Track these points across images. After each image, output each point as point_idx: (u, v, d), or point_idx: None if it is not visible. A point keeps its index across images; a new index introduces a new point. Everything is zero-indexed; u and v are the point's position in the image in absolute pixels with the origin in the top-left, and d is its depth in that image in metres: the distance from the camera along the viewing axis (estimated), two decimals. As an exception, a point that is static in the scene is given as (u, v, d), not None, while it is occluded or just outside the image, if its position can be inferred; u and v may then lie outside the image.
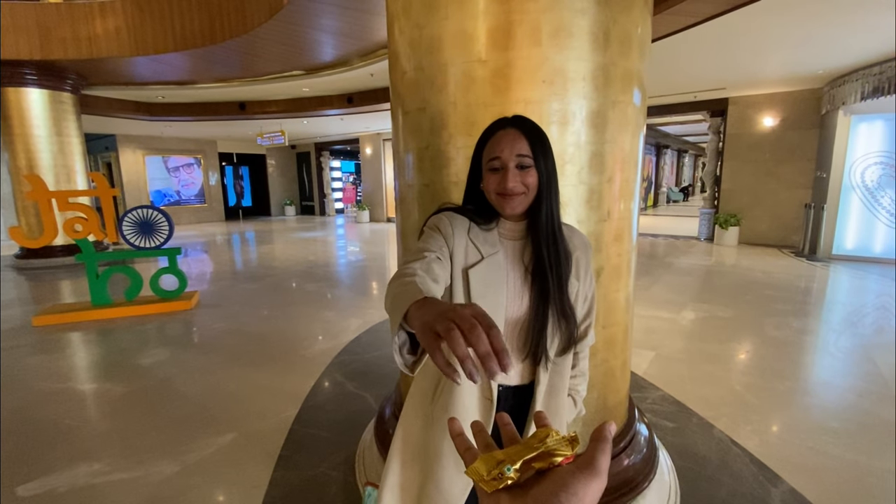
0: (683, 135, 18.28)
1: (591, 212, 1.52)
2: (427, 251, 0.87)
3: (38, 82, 6.94)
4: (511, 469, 0.37)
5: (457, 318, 0.48)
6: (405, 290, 0.66)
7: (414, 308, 0.58)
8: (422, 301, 0.59)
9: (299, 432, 2.39)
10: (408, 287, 0.67)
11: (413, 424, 1.04)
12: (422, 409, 1.03)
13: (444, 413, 0.99)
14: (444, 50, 1.45)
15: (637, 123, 1.63)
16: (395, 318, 0.62)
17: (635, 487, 1.66)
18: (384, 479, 1.04)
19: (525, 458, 0.38)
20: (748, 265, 6.73)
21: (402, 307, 0.60)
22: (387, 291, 0.74)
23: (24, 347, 3.72)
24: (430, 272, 0.82)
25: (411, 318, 0.58)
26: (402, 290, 0.67)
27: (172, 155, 14.28)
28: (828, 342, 3.73)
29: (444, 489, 0.99)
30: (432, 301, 0.59)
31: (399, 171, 1.78)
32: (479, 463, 0.39)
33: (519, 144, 0.87)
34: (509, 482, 0.37)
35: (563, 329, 0.92)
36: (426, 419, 1.01)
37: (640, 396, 2.76)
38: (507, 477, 0.37)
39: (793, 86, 7.67)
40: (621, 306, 1.69)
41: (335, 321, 4.32)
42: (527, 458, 0.38)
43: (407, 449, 1.04)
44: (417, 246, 0.92)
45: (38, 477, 2.06)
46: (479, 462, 0.39)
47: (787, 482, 1.96)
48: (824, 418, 2.54)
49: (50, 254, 7.26)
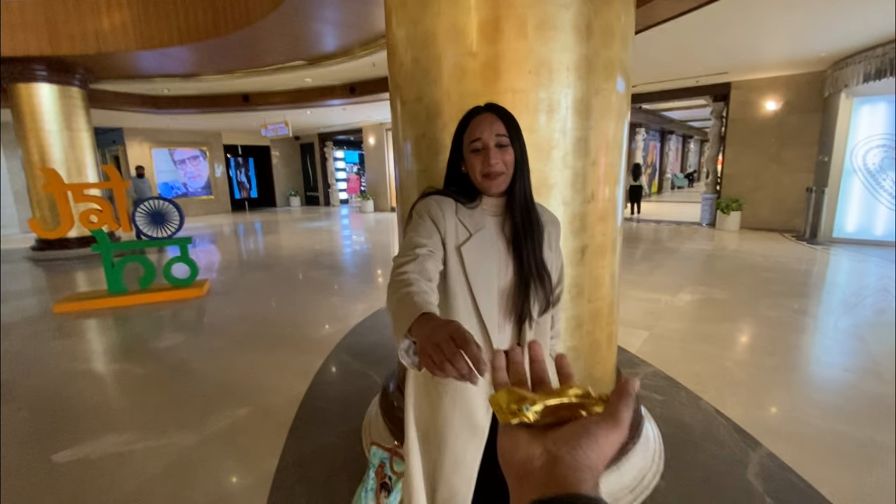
0: (688, 120, 18.16)
1: (575, 194, 1.63)
2: (419, 246, 0.95)
3: (48, 78, 7.07)
4: (530, 409, 0.37)
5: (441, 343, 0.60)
6: (404, 305, 0.77)
7: (415, 327, 0.70)
8: (419, 319, 0.70)
9: (310, 406, 2.55)
10: (406, 302, 0.77)
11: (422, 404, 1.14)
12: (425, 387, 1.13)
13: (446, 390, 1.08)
14: (438, 43, 1.56)
15: (621, 110, 1.73)
16: (399, 329, 0.73)
17: (619, 450, 1.79)
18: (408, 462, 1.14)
19: (548, 403, 0.37)
20: (748, 249, 6.80)
21: (404, 325, 0.72)
22: (388, 294, 0.85)
23: (48, 332, 3.91)
24: (425, 272, 0.90)
25: (414, 333, 0.70)
26: (401, 306, 0.77)
27: (178, 147, 14.44)
28: (820, 322, 3.83)
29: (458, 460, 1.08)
30: (424, 320, 0.69)
31: (399, 159, 1.90)
32: (501, 393, 0.39)
33: (496, 125, 0.99)
34: (525, 420, 0.37)
35: (540, 291, 1.04)
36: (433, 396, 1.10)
37: (632, 372, 2.89)
38: (524, 414, 0.37)
39: (795, 69, 7.65)
40: (606, 282, 1.81)
41: (341, 306, 4.48)
42: (550, 404, 0.37)
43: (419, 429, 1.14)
44: (409, 237, 0.99)
45: (71, 446, 2.23)
46: (501, 392, 0.39)
47: (766, 447, 2.09)
48: (809, 391, 2.66)
49: (65, 245, 7.48)
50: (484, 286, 1.01)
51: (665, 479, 1.89)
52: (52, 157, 7.31)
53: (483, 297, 1.02)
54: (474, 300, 1.02)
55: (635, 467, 1.83)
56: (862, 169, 7.03)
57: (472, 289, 1.01)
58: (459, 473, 1.10)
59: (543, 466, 0.34)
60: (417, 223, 1.02)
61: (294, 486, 1.91)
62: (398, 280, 0.87)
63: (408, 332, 0.71)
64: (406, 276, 0.87)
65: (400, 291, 0.82)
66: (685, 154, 23.32)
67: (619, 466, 1.79)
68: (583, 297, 1.72)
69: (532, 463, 0.35)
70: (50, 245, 7.46)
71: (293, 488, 1.89)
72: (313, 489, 1.89)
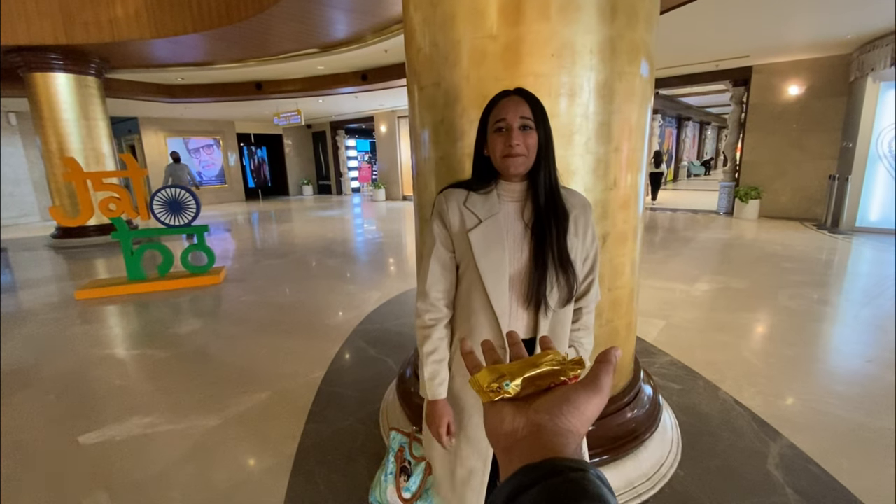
0: (706, 106, 17.73)
1: (597, 180, 1.60)
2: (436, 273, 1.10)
3: (64, 67, 7.15)
4: (510, 384, 0.38)
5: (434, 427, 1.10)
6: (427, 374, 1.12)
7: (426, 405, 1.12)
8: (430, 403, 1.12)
9: (327, 391, 2.59)
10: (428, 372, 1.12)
11: None
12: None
13: (459, 370, 1.12)
14: (457, 26, 1.53)
15: (644, 94, 1.69)
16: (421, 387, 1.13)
17: (637, 437, 1.79)
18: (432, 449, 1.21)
19: (526, 375, 0.38)
20: (767, 238, 6.67)
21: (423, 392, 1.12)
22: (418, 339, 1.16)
23: (70, 318, 4.01)
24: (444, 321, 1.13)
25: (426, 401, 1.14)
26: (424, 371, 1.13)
27: (193, 136, 14.56)
28: (841, 312, 3.75)
29: (472, 439, 1.11)
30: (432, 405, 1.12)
31: (415, 146, 1.88)
32: (480, 374, 0.40)
33: (522, 108, 0.98)
34: (506, 396, 0.38)
35: (562, 280, 1.03)
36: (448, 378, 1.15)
37: (648, 361, 2.87)
38: (504, 391, 0.38)
39: (820, 52, 7.39)
40: (627, 270, 1.79)
41: (356, 293, 4.51)
42: (528, 376, 0.38)
43: None
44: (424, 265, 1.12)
45: (96, 428, 2.30)
46: (481, 373, 0.40)
47: (787, 438, 2.07)
48: (829, 382, 2.61)
49: (84, 233, 7.63)
50: (492, 270, 1.02)
51: (683, 468, 1.88)
52: (70, 146, 7.41)
53: (492, 281, 1.02)
54: (482, 285, 1.03)
55: (653, 456, 1.83)
56: (887, 155, 6.81)
57: (481, 273, 1.03)
58: (476, 453, 1.13)
59: (528, 436, 0.35)
60: (434, 231, 1.10)
61: (314, 469, 1.94)
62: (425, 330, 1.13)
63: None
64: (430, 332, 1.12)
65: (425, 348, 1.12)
66: (702, 141, 22.83)
67: (636, 454, 1.79)
68: (603, 285, 1.70)
69: (517, 434, 0.36)
70: (69, 233, 7.61)
71: (313, 471, 1.93)
72: (333, 472, 1.92)
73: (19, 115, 10.96)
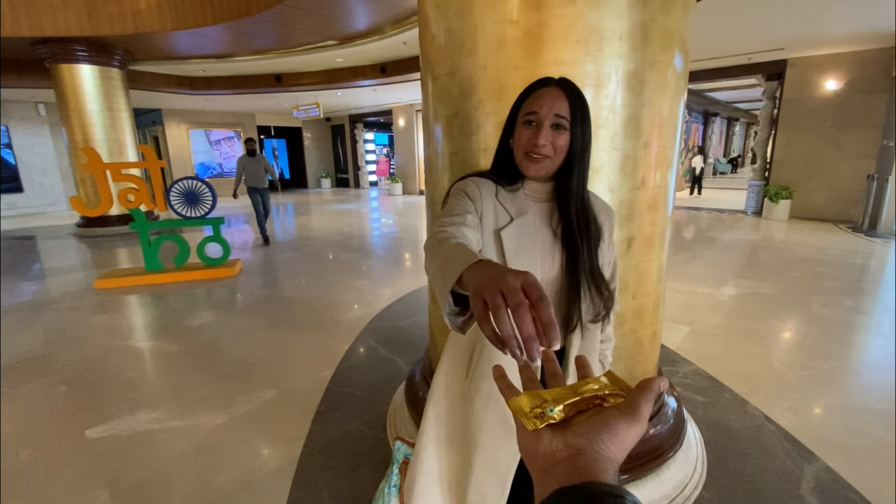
0: (734, 101, 17.11)
1: (624, 179, 1.48)
2: (458, 215, 0.85)
3: (89, 58, 7.25)
4: (554, 410, 0.37)
5: (505, 289, 0.45)
6: (455, 252, 0.61)
7: (468, 273, 0.54)
8: (476, 264, 0.54)
9: (335, 391, 2.52)
10: (458, 250, 0.63)
11: (440, 403, 1.05)
12: (454, 386, 1.03)
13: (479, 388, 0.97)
14: (474, 11, 1.42)
15: (678, 86, 1.55)
16: (448, 275, 0.57)
17: (660, 455, 1.67)
18: (418, 463, 1.05)
19: (569, 402, 0.38)
20: (798, 240, 6.37)
21: (455, 271, 0.55)
22: (429, 256, 0.70)
23: (88, 307, 4.05)
24: (465, 238, 0.78)
25: (465, 281, 0.54)
26: (453, 252, 0.62)
27: (214, 128, 14.73)
28: (880, 322, 3.52)
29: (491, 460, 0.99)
30: (487, 264, 0.53)
31: (428, 140, 1.78)
32: (523, 397, 0.39)
33: (559, 104, 0.85)
34: (551, 422, 0.37)
35: (596, 296, 0.92)
36: (459, 396, 1.01)
37: (671, 370, 2.73)
38: (549, 417, 0.37)
39: (861, 45, 6.99)
40: (653, 277, 1.66)
41: (369, 290, 4.45)
42: (571, 402, 0.38)
43: (441, 429, 1.05)
44: (445, 210, 0.90)
45: (104, 422, 2.28)
46: (523, 396, 0.39)
47: (823, 460, 1.92)
48: (868, 399, 2.43)
49: (106, 223, 7.78)
50: None
51: (708, 489, 1.75)
52: (94, 136, 7.54)
53: None
54: None
55: (676, 476, 1.70)
56: (933, 155, 6.42)
57: None
58: (493, 477, 1.01)
59: (566, 459, 0.35)
60: (454, 202, 0.91)
61: (318, 474, 1.88)
62: (439, 238, 0.73)
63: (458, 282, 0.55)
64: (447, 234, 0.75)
65: (446, 244, 0.68)
66: (729, 138, 22.08)
67: (658, 474, 1.66)
68: (627, 292, 1.58)
69: (555, 455, 0.35)
70: (93, 222, 7.77)
71: (316, 477, 1.86)
72: (336, 479, 1.85)
73: (48, 105, 11.22)
